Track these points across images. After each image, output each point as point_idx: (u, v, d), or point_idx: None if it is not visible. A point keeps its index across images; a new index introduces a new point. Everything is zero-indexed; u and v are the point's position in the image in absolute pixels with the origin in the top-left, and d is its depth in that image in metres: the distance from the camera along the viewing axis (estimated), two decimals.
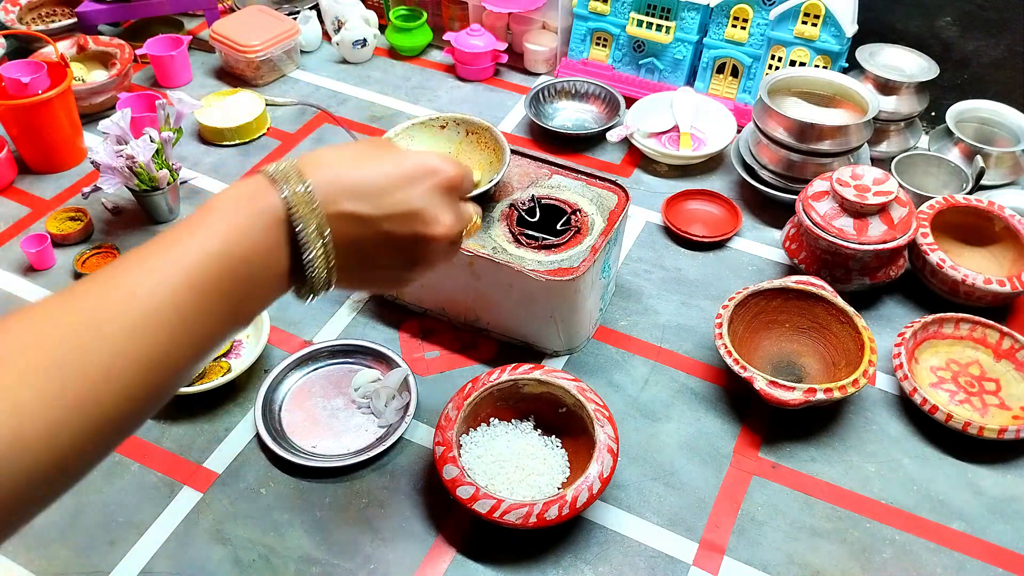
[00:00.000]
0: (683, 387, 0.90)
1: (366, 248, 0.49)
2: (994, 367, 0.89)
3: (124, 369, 0.38)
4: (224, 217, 0.43)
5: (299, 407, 0.87)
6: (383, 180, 0.49)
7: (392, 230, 0.49)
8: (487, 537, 0.76)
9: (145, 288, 0.40)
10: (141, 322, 0.39)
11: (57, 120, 1.15)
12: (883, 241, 0.91)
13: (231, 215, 0.44)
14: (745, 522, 0.78)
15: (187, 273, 0.41)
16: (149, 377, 0.39)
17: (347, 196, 0.47)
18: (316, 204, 0.46)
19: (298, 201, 0.45)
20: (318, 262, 0.46)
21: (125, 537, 0.76)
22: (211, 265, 0.42)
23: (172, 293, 0.40)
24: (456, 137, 0.97)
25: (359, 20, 1.41)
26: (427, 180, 0.51)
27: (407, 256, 0.52)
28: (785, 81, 1.11)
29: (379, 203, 0.48)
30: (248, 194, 0.45)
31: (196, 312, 0.41)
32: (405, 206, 0.49)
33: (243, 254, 0.43)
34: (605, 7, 1.30)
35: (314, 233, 0.45)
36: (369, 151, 0.51)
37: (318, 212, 0.46)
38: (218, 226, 0.43)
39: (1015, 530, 0.77)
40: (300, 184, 0.45)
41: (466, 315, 0.94)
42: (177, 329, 0.40)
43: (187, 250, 0.42)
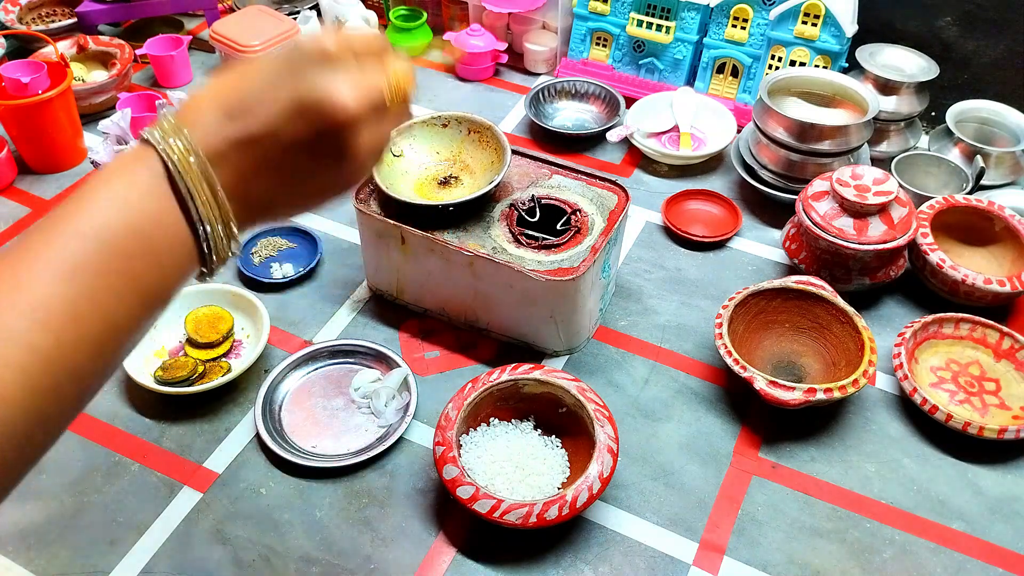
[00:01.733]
0: (683, 387, 0.90)
1: (277, 168, 0.42)
2: (994, 367, 0.89)
3: (26, 363, 0.36)
4: (102, 192, 0.39)
5: (299, 407, 0.87)
6: (254, 85, 0.41)
7: (291, 133, 0.41)
8: (487, 537, 0.76)
9: (28, 281, 0.37)
10: (30, 317, 0.36)
11: (57, 120, 1.15)
12: (883, 241, 0.91)
13: (109, 188, 0.39)
14: (745, 522, 0.78)
15: (71, 260, 0.37)
16: (52, 371, 0.37)
17: (224, 124, 0.41)
18: (194, 151, 0.40)
19: (173, 151, 0.40)
20: (208, 214, 0.41)
21: (125, 537, 0.76)
22: (94, 247, 0.38)
23: (56, 283, 0.37)
24: (458, 136, 0.97)
25: (359, 20, 1.41)
26: (298, 60, 0.42)
27: (327, 152, 0.43)
28: (785, 81, 1.11)
29: (259, 112, 0.41)
30: (124, 162, 0.40)
31: (89, 300, 0.38)
32: (289, 100, 0.41)
33: (129, 226, 0.39)
34: (605, 7, 1.30)
35: (197, 182, 0.40)
36: (240, 67, 0.43)
37: (199, 159, 0.40)
38: (97, 203, 0.39)
39: (1015, 530, 0.77)
40: (175, 134, 0.40)
41: (466, 315, 0.94)
42: (70, 323, 0.37)
43: (67, 233, 0.38)
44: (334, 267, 1.04)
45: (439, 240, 0.86)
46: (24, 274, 0.37)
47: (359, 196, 0.92)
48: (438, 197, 0.93)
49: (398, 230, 0.88)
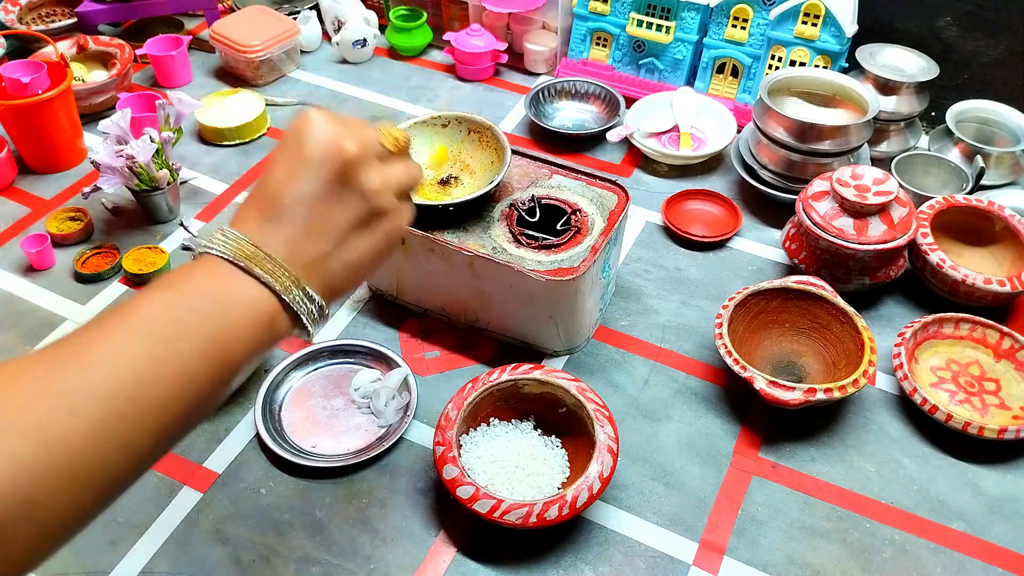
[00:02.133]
0: (683, 387, 0.90)
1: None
2: (994, 367, 0.89)
3: (102, 443, 0.38)
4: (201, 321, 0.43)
5: (299, 407, 0.87)
6: (316, 209, 0.47)
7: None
8: (487, 537, 0.76)
9: (108, 371, 0.39)
10: (121, 404, 0.39)
11: (57, 120, 1.15)
12: (883, 241, 0.91)
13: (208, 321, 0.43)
14: (745, 522, 0.78)
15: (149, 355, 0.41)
16: (134, 444, 0.40)
17: (311, 249, 0.47)
18: (306, 290, 0.47)
19: (296, 300, 0.46)
20: (281, 282, 0.46)
21: (125, 537, 0.76)
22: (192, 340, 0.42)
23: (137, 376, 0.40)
24: (458, 136, 0.97)
25: (359, 20, 1.41)
26: (340, 179, 0.48)
27: (347, 198, 0.49)
28: (785, 81, 1.11)
29: (329, 238, 0.48)
30: (259, 319, 0.45)
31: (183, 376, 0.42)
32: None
33: (212, 311, 0.44)
34: (605, 7, 1.30)
35: (308, 311, 0.47)
36: (287, 171, 0.48)
37: (307, 292, 0.47)
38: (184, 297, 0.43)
39: (1015, 530, 0.77)
40: (296, 287, 0.46)
41: (466, 315, 0.94)
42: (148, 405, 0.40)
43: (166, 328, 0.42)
44: None
45: (439, 240, 0.86)
46: (95, 358, 0.40)
47: None
48: (438, 197, 0.93)
49: None
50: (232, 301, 0.44)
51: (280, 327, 0.46)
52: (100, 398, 0.38)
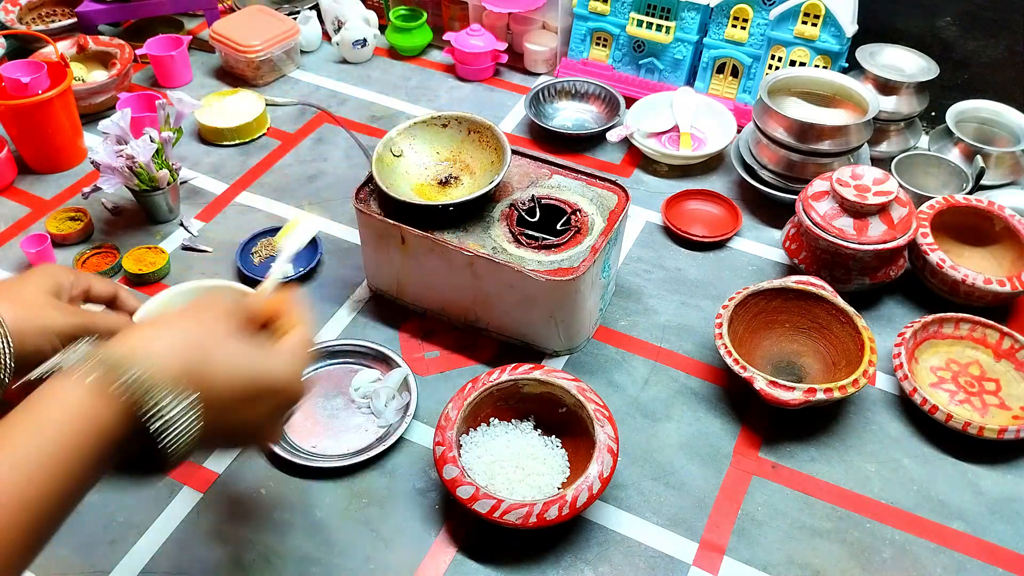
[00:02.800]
0: (683, 387, 0.90)
1: (202, 436, 0.50)
2: (994, 367, 0.89)
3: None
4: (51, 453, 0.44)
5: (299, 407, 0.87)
6: (231, 389, 0.50)
7: (224, 432, 0.51)
8: (487, 537, 0.76)
9: None
10: None
11: (57, 120, 1.15)
12: (883, 241, 0.91)
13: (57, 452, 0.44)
14: (745, 522, 0.78)
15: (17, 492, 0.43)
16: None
17: (182, 379, 0.47)
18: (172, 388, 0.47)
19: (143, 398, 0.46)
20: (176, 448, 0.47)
21: (125, 537, 0.76)
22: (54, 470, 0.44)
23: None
24: (458, 136, 0.97)
25: (359, 20, 1.41)
26: (269, 400, 0.53)
27: (232, 445, 0.57)
28: (785, 81, 1.11)
29: (219, 410, 0.49)
30: (76, 414, 0.45)
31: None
32: (242, 420, 0.51)
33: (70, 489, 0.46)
34: (605, 7, 1.30)
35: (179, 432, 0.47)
36: (225, 345, 0.51)
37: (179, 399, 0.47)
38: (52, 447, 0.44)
39: (1015, 530, 0.77)
40: (140, 378, 0.46)
41: (466, 315, 0.94)
42: None
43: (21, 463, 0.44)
44: (334, 267, 1.04)
45: (439, 240, 0.86)
46: None
47: (359, 196, 0.92)
48: (438, 197, 0.93)
49: (398, 230, 0.88)
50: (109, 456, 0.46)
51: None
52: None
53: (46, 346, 0.61)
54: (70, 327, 0.63)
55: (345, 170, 1.20)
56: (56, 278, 0.65)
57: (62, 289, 0.65)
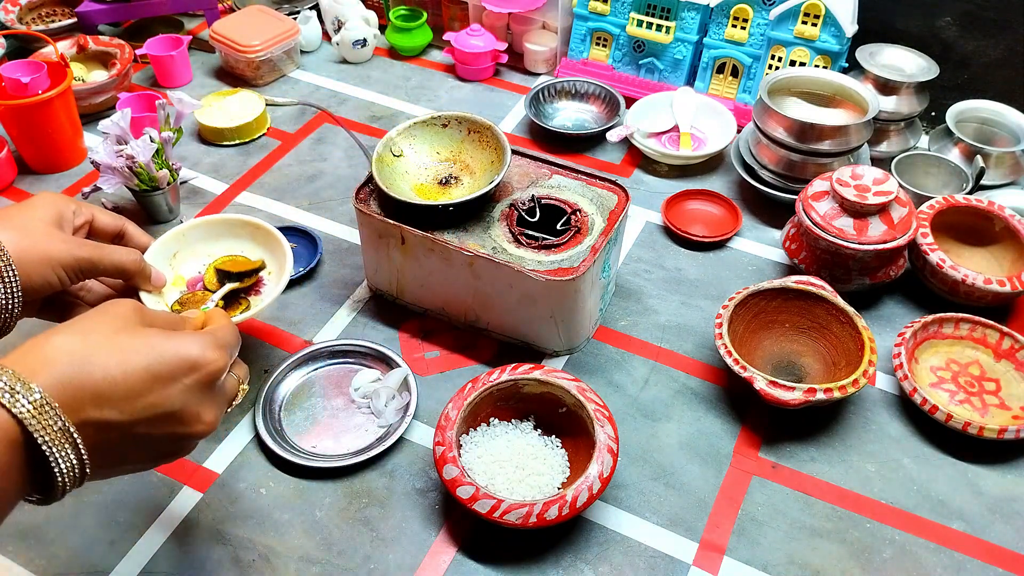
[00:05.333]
0: (683, 387, 0.90)
1: (114, 451, 0.45)
2: (994, 367, 0.89)
3: None
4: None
5: (299, 407, 0.87)
6: (133, 380, 0.44)
7: (146, 432, 0.45)
8: (487, 537, 0.76)
9: None
10: None
11: (57, 120, 1.15)
12: (883, 241, 0.91)
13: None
14: (745, 522, 0.78)
15: None
16: None
17: (91, 402, 0.42)
18: (55, 415, 0.41)
19: (32, 416, 0.40)
20: (68, 475, 0.42)
21: (125, 537, 0.76)
22: None
23: None
24: (458, 136, 0.97)
25: (359, 20, 1.41)
26: (185, 378, 0.46)
27: (162, 450, 0.48)
28: (785, 81, 1.11)
29: (130, 408, 0.44)
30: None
31: None
32: (160, 409, 0.45)
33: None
34: (605, 7, 1.30)
35: (61, 448, 0.41)
36: (115, 338, 0.45)
37: (61, 424, 0.41)
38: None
39: (1015, 530, 0.77)
40: (29, 395, 0.40)
41: (466, 315, 0.94)
42: None
43: None
44: (334, 267, 1.04)
45: (439, 240, 0.86)
46: None
47: (359, 196, 0.92)
48: (438, 197, 0.93)
49: (398, 230, 0.88)
50: (4, 499, 0.42)
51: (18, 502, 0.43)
52: None
53: (52, 277, 0.57)
54: (75, 259, 0.59)
55: (345, 170, 1.20)
56: (57, 207, 0.62)
57: (64, 219, 0.61)
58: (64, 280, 0.59)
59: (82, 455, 0.42)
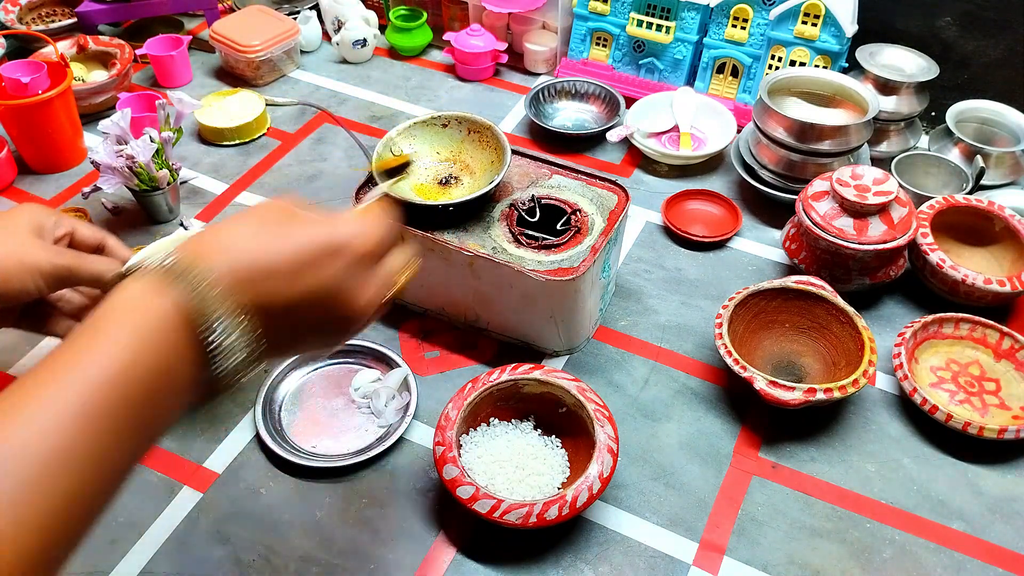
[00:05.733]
0: (683, 387, 0.90)
1: (281, 333, 0.46)
2: (994, 367, 0.89)
3: (29, 508, 0.37)
4: (117, 333, 0.40)
5: (299, 407, 0.87)
6: (292, 261, 0.45)
7: (308, 315, 0.46)
8: (487, 537, 0.76)
9: (37, 429, 0.37)
10: (38, 469, 0.37)
11: (57, 120, 1.15)
12: (883, 241, 0.91)
13: (124, 330, 0.40)
14: (745, 522, 0.78)
15: (81, 410, 0.38)
16: (54, 516, 0.38)
17: (255, 283, 0.43)
18: (222, 297, 0.42)
19: (200, 300, 0.41)
20: (232, 363, 0.43)
21: (125, 537, 0.76)
22: (107, 394, 0.38)
23: (66, 433, 0.37)
24: (458, 136, 0.97)
25: (359, 20, 1.41)
26: (339, 259, 0.47)
27: (326, 331, 0.49)
28: (785, 81, 1.11)
29: (290, 289, 0.45)
30: (141, 302, 0.41)
31: (97, 447, 0.38)
32: (319, 290, 0.46)
33: (143, 373, 0.40)
34: (605, 7, 1.30)
35: (225, 333, 0.42)
36: (271, 227, 0.46)
37: (227, 307, 0.42)
38: (110, 346, 0.39)
39: (1015, 530, 0.77)
40: (199, 280, 0.41)
41: (466, 315, 0.94)
42: (77, 469, 0.38)
43: (79, 378, 0.38)
44: None
45: (439, 240, 0.86)
46: (36, 420, 0.37)
47: (359, 196, 0.92)
48: (438, 197, 0.93)
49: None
50: (176, 390, 0.42)
51: (190, 404, 0.43)
52: (29, 456, 0.37)
53: (30, 285, 0.58)
54: (53, 267, 0.59)
55: (345, 170, 1.20)
56: (38, 217, 0.62)
57: (44, 229, 0.62)
58: (42, 288, 0.59)
59: (256, 334, 0.43)
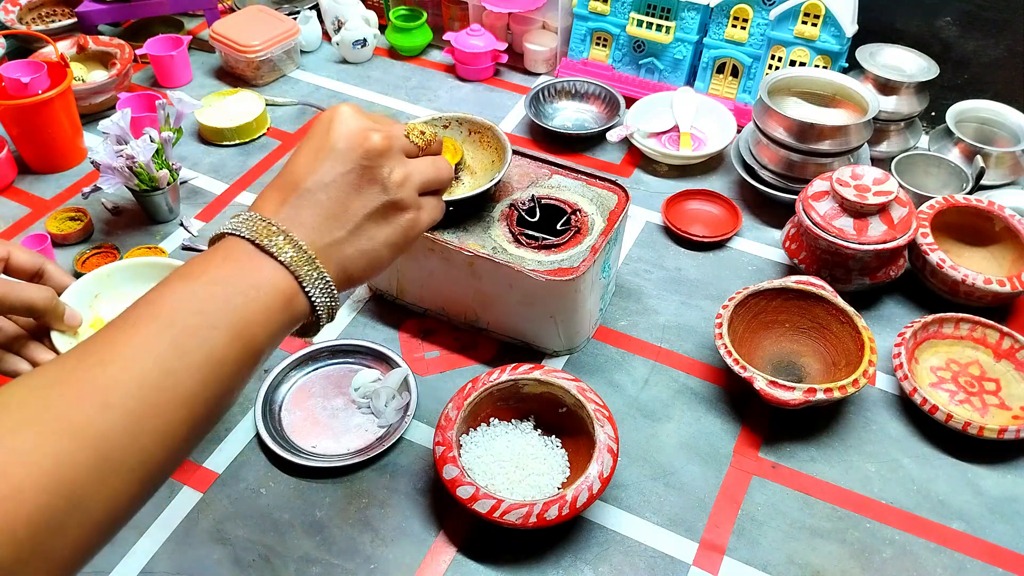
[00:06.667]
0: (683, 387, 0.90)
1: (364, 255, 0.51)
2: (994, 367, 0.89)
3: (138, 434, 0.39)
4: (223, 306, 0.45)
5: (299, 407, 0.87)
6: (336, 195, 0.50)
7: (376, 231, 0.51)
8: (487, 537, 0.76)
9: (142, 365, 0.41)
10: (152, 394, 0.40)
11: (57, 120, 1.15)
12: (883, 241, 0.91)
13: (243, 283, 0.46)
14: (745, 522, 0.78)
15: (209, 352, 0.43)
16: (171, 436, 0.41)
17: (328, 233, 0.49)
18: (321, 271, 0.48)
19: (311, 280, 0.48)
20: (326, 310, 0.49)
21: (125, 537, 0.76)
22: (228, 354, 0.44)
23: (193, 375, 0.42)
24: (458, 137, 0.97)
25: (359, 20, 1.41)
26: (362, 169, 0.51)
27: (369, 185, 0.52)
28: (785, 81, 1.11)
29: (346, 224, 0.50)
30: (277, 300, 0.47)
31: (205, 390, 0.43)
32: (367, 208, 0.51)
33: (258, 331, 0.46)
34: (605, 7, 1.30)
35: (323, 294, 0.49)
36: (311, 158, 0.51)
37: (322, 273, 0.48)
38: (233, 300, 0.45)
39: (1015, 530, 0.77)
40: (312, 267, 0.48)
41: (466, 315, 0.94)
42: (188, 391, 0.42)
43: (203, 327, 0.43)
44: None
45: (439, 240, 0.86)
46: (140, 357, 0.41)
47: None
48: None
49: None
50: (251, 285, 0.46)
51: (297, 309, 0.48)
52: (130, 391, 0.39)
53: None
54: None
55: None
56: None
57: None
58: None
59: (328, 280, 0.49)
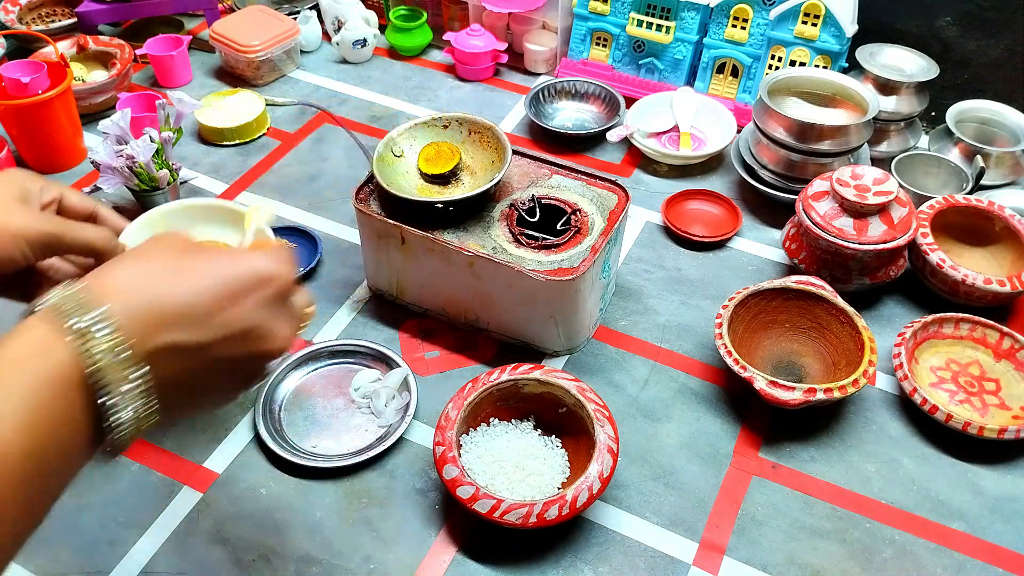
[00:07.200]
0: (683, 387, 0.90)
1: (193, 379, 0.43)
2: (994, 367, 0.89)
3: None
4: (7, 396, 0.37)
5: (299, 407, 0.87)
6: (208, 298, 0.42)
7: (224, 354, 0.43)
8: (487, 537, 0.76)
9: None
10: None
11: (57, 120, 1.15)
12: (883, 241, 0.91)
13: (15, 392, 0.37)
14: (745, 522, 0.78)
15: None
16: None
17: (166, 325, 0.41)
18: (123, 347, 0.39)
19: (97, 351, 0.38)
20: (128, 425, 0.40)
21: (125, 537, 0.76)
22: (6, 451, 0.37)
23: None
24: (458, 137, 0.97)
25: (359, 20, 1.41)
26: (258, 292, 0.44)
27: (241, 375, 0.46)
28: (785, 81, 1.11)
29: (207, 328, 0.42)
30: (32, 354, 0.38)
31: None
32: (236, 326, 0.43)
33: (34, 446, 0.37)
34: (605, 7, 1.30)
35: (125, 391, 0.39)
36: (181, 261, 0.44)
37: (127, 359, 0.39)
38: (10, 401, 0.37)
39: (1015, 530, 0.77)
40: (99, 325, 0.38)
41: (466, 315, 0.94)
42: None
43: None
44: (334, 267, 1.04)
45: (439, 240, 0.86)
46: None
47: (359, 196, 0.92)
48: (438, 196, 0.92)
49: (398, 230, 0.88)
50: (70, 455, 0.40)
51: (88, 459, 0.41)
52: None
53: (16, 253, 0.55)
54: (40, 234, 0.56)
55: (345, 170, 1.20)
56: (22, 183, 0.59)
57: (30, 195, 0.59)
58: (28, 256, 0.57)
59: (144, 398, 0.40)
